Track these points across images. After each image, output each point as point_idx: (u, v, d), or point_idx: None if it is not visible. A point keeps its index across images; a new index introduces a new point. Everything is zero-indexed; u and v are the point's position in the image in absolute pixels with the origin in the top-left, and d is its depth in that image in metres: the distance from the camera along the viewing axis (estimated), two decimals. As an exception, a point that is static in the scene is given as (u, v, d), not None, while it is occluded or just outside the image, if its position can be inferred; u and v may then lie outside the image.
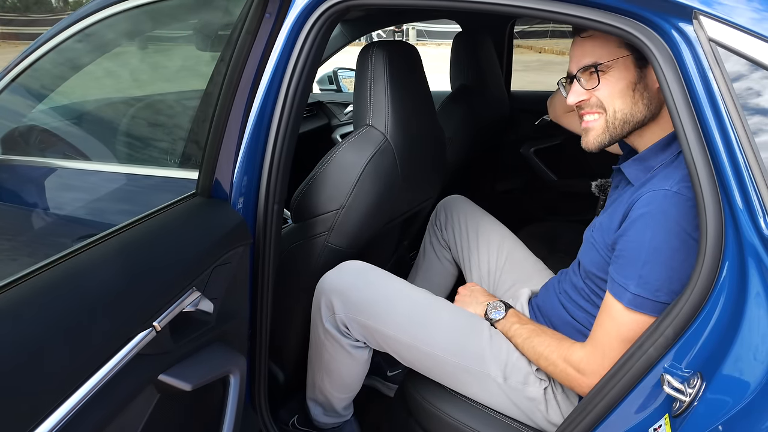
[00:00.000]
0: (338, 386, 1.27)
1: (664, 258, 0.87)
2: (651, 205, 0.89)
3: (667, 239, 0.87)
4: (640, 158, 1.00)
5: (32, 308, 0.63)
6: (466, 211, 1.50)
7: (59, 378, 0.60)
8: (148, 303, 0.74)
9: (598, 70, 0.96)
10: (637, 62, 0.95)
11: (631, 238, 0.91)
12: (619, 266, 0.93)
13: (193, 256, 0.85)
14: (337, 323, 1.18)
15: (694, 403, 0.75)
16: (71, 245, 0.76)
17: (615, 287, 0.93)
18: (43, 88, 1.53)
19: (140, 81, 1.93)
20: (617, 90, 0.96)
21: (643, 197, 0.91)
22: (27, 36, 8.94)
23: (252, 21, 0.84)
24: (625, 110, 0.96)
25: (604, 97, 0.97)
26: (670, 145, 0.97)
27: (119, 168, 1.42)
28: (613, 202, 1.04)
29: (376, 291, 1.17)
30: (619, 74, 0.95)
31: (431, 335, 1.12)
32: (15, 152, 1.53)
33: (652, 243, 0.88)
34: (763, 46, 0.72)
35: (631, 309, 0.90)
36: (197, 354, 0.85)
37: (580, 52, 0.99)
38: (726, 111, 0.74)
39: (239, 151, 1.00)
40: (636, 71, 0.95)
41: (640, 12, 0.83)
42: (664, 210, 0.87)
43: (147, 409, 0.76)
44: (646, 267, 0.88)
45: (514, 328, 1.11)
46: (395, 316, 1.14)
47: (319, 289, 1.20)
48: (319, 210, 1.23)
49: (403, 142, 1.25)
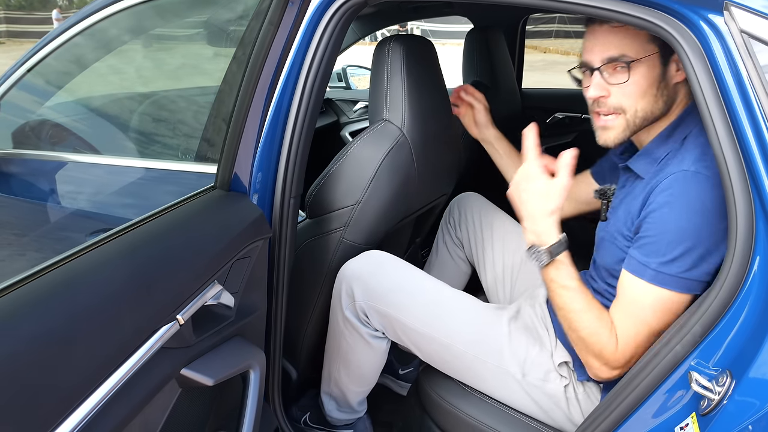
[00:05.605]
0: (355, 378, 1.26)
1: (688, 236, 0.87)
2: (673, 187, 0.89)
3: (690, 218, 0.87)
4: (645, 152, 0.99)
5: (52, 303, 0.63)
6: (480, 208, 1.48)
7: (85, 372, 0.60)
8: (171, 296, 0.73)
9: (629, 66, 0.92)
10: (662, 59, 0.93)
11: (655, 220, 0.90)
12: (641, 246, 0.92)
13: (214, 249, 0.84)
14: (356, 311, 1.17)
15: (723, 402, 0.74)
16: (83, 239, 0.75)
17: (635, 266, 0.91)
18: (51, 85, 1.52)
19: (150, 77, 1.93)
20: (642, 89, 0.93)
21: (663, 182, 0.91)
22: (33, 34, 8.98)
23: (275, 11, 0.83)
24: (646, 109, 0.95)
25: (627, 95, 0.94)
26: (672, 134, 0.96)
27: (133, 162, 1.42)
28: (625, 197, 1.03)
29: (398, 280, 1.16)
30: (646, 71, 0.93)
31: (450, 327, 1.11)
32: (27, 146, 1.53)
33: (677, 223, 0.88)
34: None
35: (655, 284, 0.89)
36: (218, 349, 0.84)
37: (605, 41, 0.94)
38: (758, 104, 0.73)
39: (258, 144, 0.99)
40: (661, 68, 0.94)
41: (668, 3, 0.81)
42: (685, 191, 0.88)
43: (168, 404, 0.75)
44: (670, 246, 0.88)
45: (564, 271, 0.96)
46: (415, 306, 1.13)
47: (340, 276, 1.19)
48: (335, 205, 1.22)
49: (419, 138, 1.24)
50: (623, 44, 0.93)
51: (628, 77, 0.93)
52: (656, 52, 0.92)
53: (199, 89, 1.86)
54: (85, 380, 0.59)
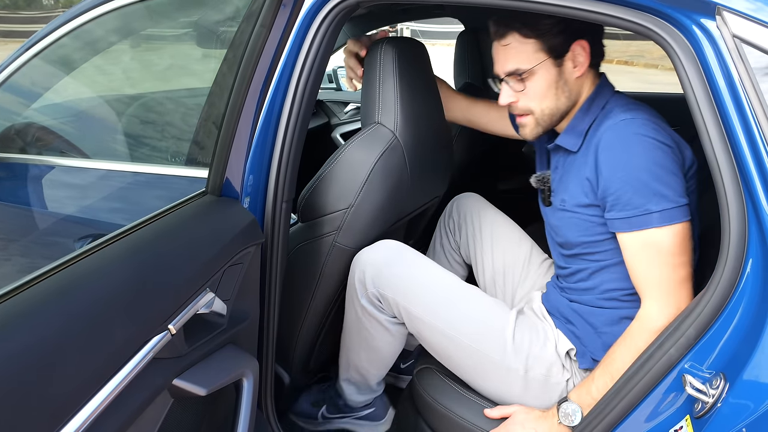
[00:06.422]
0: (376, 362, 1.28)
1: (658, 168, 0.93)
2: (614, 136, 0.98)
3: (649, 152, 0.94)
4: (569, 128, 1.09)
5: (43, 313, 0.61)
6: (480, 209, 1.46)
7: (74, 385, 0.58)
8: (163, 305, 0.72)
9: (523, 76, 1.05)
10: (555, 62, 1.04)
11: (619, 174, 0.96)
12: (626, 202, 0.95)
13: (206, 256, 0.83)
14: (370, 297, 1.18)
15: (717, 405, 0.74)
16: (71, 245, 0.73)
17: (636, 220, 0.95)
18: (38, 87, 1.50)
19: (138, 79, 1.91)
20: (542, 91, 1.06)
21: (602, 138, 0.99)
22: (19, 34, 8.85)
23: (267, 12, 0.82)
24: (551, 106, 1.07)
25: (530, 99, 1.07)
26: (590, 108, 1.07)
27: (121, 166, 1.39)
28: (564, 175, 1.11)
29: (408, 269, 1.17)
30: (541, 77, 1.05)
31: (456, 319, 1.13)
32: (12, 150, 1.50)
33: (641, 163, 0.94)
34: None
35: (666, 224, 0.93)
36: (210, 357, 0.83)
37: (502, 57, 1.08)
38: (751, 108, 0.73)
39: (250, 148, 0.98)
40: (555, 70, 1.05)
41: (661, 8, 0.82)
42: (628, 133, 0.96)
43: (160, 416, 0.74)
44: (653, 183, 0.93)
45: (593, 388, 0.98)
46: (423, 295, 1.15)
47: (353, 265, 1.20)
48: (328, 209, 1.21)
49: (412, 141, 1.23)
50: (515, 59, 1.05)
51: (525, 86, 1.06)
52: (547, 59, 1.04)
53: (188, 91, 1.84)
54: (74, 394, 0.57)
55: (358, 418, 1.40)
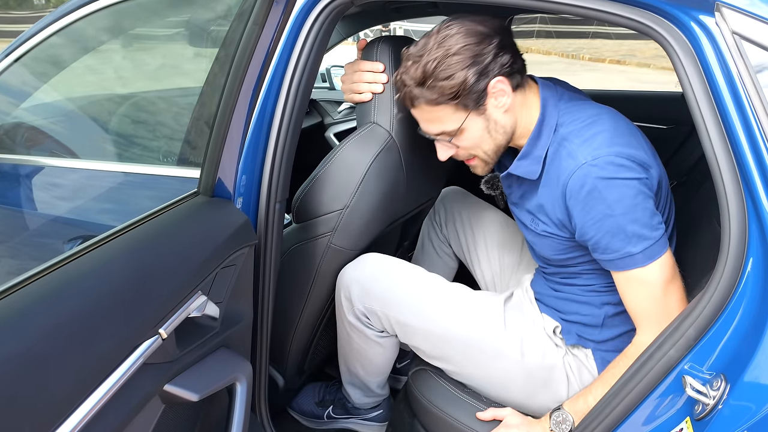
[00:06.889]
0: (372, 371, 1.30)
1: (630, 210, 0.91)
2: (579, 185, 0.93)
3: (618, 197, 0.91)
4: (523, 155, 1.03)
5: (30, 317, 0.59)
6: (467, 204, 1.47)
7: (61, 392, 0.56)
8: (153, 308, 0.70)
9: (451, 136, 1.03)
10: (477, 111, 1.00)
11: (593, 223, 0.94)
12: (605, 247, 0.95)
13: (199, 258, 0.82)
14: (357, 314, 1.19)
15: (718, 406, 0.73)
16: (60, 246, 0.72)
17: (620, 262, 0.94)
18: (27, 86, 1.48)
19: (130, 78, 1.89)
20: (476, 139, 1.03)
21: (568, 184, 0.94)
22: (9, 34, 8.77)
23: (260, 10, 0.81)
24: (491, 145, 1.04)
25: (468, 148, 1.05)
26: (540, 131, 1.01)
27: (112, 166, 1.38)
28: (523, 196, 1.08)
29: (392, 279, 1.18)
30: (469, 130, 1.01)
31: (447, 318, 1.13)
32: (1, 150, 1.48)
33: (613, 209, 0.91)
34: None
35: (649, 262, 0.93)
36: (203, 362, 0.81)
37: (424, 124, 1.05)
38: (750, 105, 0.73)
39: (243, 147, 0.96)
40: (482, 117, 1.01)
41: (659, 5, 0.81)
42: (593, 180, 0.91)
43: (151, 422, 0.72)
44: (628, 226, 0.92)
45: (590, 398, 0.98)
46: (412, 303, 1.15)
47: (338, 284, 1.21)
48: (323, 210, 1.19)
49: (408, 141, 1.22)
50: (437, 124, 1.03)
51: (458, 139, 1.03)
52: (468, 113, 0.99)
53: (180, 90, 1.82)
54: (63, 400, 0.56)
55: (365, 419, 1.43)
